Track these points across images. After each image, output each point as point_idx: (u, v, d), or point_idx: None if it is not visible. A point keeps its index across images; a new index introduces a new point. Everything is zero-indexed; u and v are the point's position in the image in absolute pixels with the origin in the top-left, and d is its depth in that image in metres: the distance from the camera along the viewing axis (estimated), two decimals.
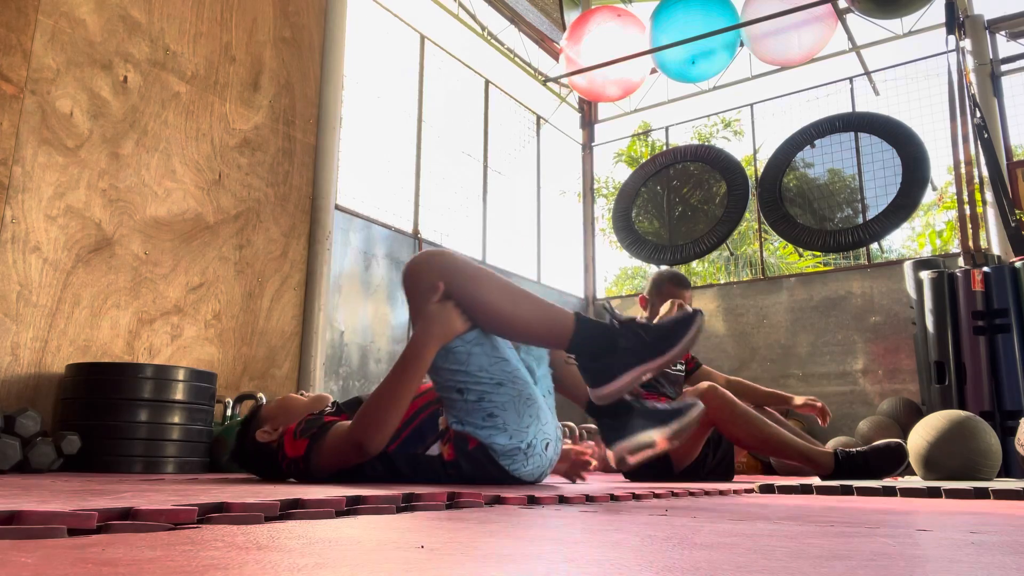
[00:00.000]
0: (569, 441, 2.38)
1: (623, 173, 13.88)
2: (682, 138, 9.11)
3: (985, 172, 4.82)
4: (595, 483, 2.39)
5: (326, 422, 1.88)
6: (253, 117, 4.02)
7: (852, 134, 6.15)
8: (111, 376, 2.83)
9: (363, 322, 4.86)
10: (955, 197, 5.00)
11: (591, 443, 5.33)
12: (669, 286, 3.32)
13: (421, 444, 1.82)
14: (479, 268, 1.78)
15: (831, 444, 4.72)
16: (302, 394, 2.20)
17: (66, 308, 3.08)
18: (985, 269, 4.09)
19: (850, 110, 6.35)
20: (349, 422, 1.84)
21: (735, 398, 2.79)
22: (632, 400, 1.67)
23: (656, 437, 1.60)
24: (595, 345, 1.64)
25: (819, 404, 3.25)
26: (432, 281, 1.74)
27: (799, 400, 3.28)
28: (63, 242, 3.10)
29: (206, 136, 3.76)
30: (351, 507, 1.10)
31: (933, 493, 1.97)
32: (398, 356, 1.79)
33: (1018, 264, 4.05)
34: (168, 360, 3.41)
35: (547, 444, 1.80)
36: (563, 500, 1.39)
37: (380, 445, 1.75)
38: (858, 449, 2.72)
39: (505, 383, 1.75)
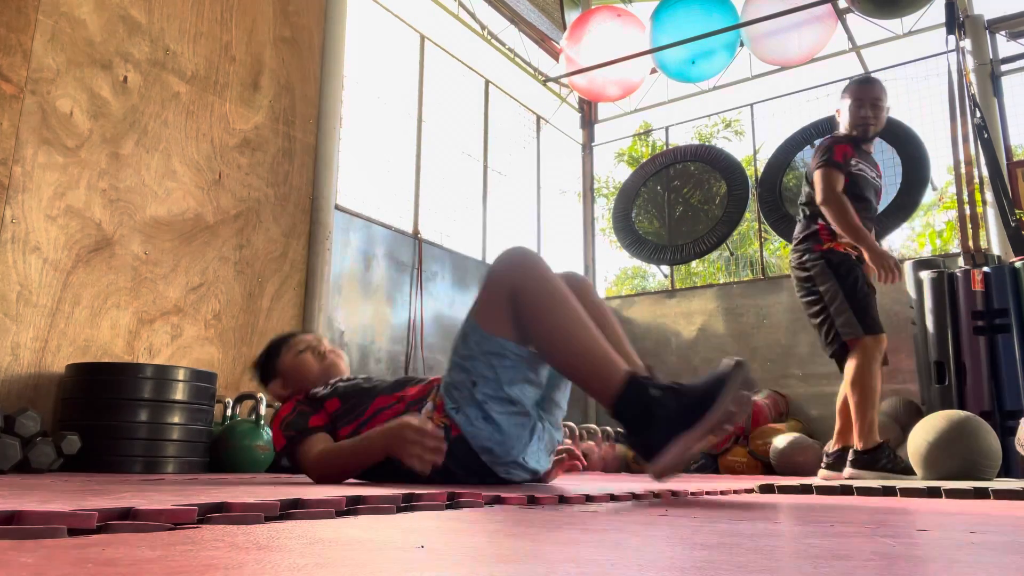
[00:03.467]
0: (568, 441, 2.37)
1: (623, 173, 13.89)
2: (683, 138, 9.11)
3: (985, 172, 4.82)
4: (595, 483, 2.39)
5: (309, 427, 1.92)
6: (253, 117, 4.02)
7: None
8: (111, 376, 2.83)
9: (363, 322, 4.86)
10: (955, 197, 5.00)
11: (591, 443, 5.34)
12: (854, 86, 3.31)
13: None
14: (559, 287, 1.69)
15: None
16: (323, 352, 2.17)
17: (66, 308, 3.08)
18: (985, 269, 4.09)
19: None
20: (322, 442, 1.88)
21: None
22: (653, 401, 1.48)
23: (693, 445, 1.43)
24: (635, 416, 1.51)
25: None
26: (507, 285, 1.68)
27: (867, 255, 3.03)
28: (63, 242, 3.10)
29: (206, 136, 3.76)
30: (351, 507, 1.10)
31: (933, 493, 1.97)
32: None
33: (1018, 264, 4.05)
34: (168, 360, 3.41)
35: (531, 452, 1.81)
36: (563, 500, 1.39)
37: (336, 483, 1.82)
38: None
39: (516, 402, 1.74)
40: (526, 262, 1.71)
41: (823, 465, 3.21)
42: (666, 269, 7.25)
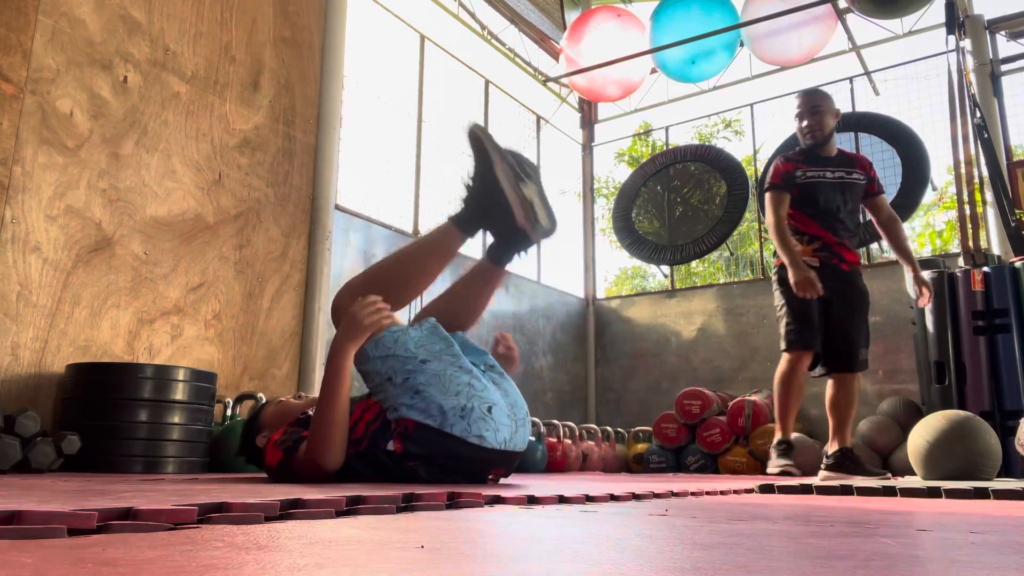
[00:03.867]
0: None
1: (623, 173, 13.88)
2: (683, 138, 9.10)
3: (985, 172, 4.82)
4: (595, 483, 2.40)
5: (302, 436, 1.93)
6: (253, 117, 4.02)
7: (852, 134, 6.15)
8: (111, 376, 2.83)
9: None
10: (955, 197, 5.00)
11: (591, 443, 5.33)
12: (794, 101, 3.58)
13: (381, 443, 1.88)
14: (369, 268, 2.10)
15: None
16: (300, 396, 2.24)
17: (66, 308, 3.08)
18: (985, 269, 4.09)
19: (850, 110, 6.35)
20: None
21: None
22: (468, 201, 2.01)
23: (512, 184, 1.93)
24: (477, 220, 2.01)
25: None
26: (347, 304, 1.95)
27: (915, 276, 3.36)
28: (63, 242, 3.10)
29: (206, 136, 3.76)
30: (351, 507, 1.10)
31: (933, 493, 1.97)
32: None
33: (1018, 264, 4.05)
34: (168, 360, 3.41)
35: (490, 408, 1.84)
36: (563, 500, 1.39)
37: (335, 463, 1.83)
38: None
39: (430, 360, 1.86)
40: (342, 290, 2.07)
41: (823, 466, 3.23)
42: (666, 269, 7.25)
